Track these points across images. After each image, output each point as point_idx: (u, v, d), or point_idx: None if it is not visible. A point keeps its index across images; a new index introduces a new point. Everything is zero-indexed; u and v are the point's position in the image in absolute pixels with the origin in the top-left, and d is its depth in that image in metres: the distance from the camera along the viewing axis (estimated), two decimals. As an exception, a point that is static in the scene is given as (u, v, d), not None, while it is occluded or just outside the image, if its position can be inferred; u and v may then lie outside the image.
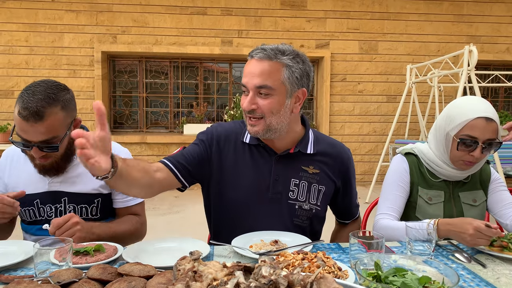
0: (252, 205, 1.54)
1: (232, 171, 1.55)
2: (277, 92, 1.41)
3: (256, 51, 1.43)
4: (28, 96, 1.42)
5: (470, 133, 1.52)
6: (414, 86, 5.89)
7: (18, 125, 1.44)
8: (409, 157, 1.74)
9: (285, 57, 1.41)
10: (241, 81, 1.46)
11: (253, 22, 6.53)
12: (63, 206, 1.62)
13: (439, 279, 0.99)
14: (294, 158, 1.55)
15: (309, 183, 1.55)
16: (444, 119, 1.62)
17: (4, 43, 6.13)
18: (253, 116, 1.44)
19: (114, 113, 6.85)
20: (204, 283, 0.73)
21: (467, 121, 1.52)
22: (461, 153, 1.55)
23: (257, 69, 1.40)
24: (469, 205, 1.66)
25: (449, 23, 6.82)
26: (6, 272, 1.17)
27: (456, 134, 1.55)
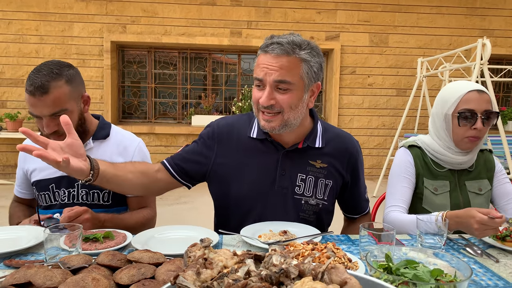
0: (257, 200, 1.53)
1: (236, 166, 1.54)
2: (296, 87, 1.39)
3: (272, 46, 1.37)
4: (33, 73, 1.50)
5: (467, 107, 1.57)
6: (424, 80, 5.82)
7: (28, 102, 1.51)
8: (412, 150, 1.74)
9: (303, 51, 1.38)
10: (254, 74, 1.42)
11: (262, 13, 6.48)
12: (76, 191, 1.66)
13: (451, 272, 0.98)
14: (302, 152, 1.53)
15: (316, 178, 1.53)
16: (439, 103, 1.66)
17: (14, 31, 6.16)
18: (270, 111, 1.40)
19: (123, 103, 6.87)
20: (215, 271, 0.72)
21: (460, 96, 1.58)
22: (463, 129, 1.58)
23: (275, 64, 1.36)
24: (475, 193, 1.67)
25: (461, 16, 6.71)
26: (16, 257, 1.18)
27: (453, 111, 1.59)
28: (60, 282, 0.88)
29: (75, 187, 1.66)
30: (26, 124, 6.18)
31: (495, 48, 6.45)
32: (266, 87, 1.39)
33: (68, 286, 0.86)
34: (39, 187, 1.69)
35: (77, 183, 1.65)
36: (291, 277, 0.70)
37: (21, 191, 1.82)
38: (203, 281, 0.68)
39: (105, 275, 0.96)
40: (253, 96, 1.45)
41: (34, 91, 1.46)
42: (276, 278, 0.69)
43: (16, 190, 1.83)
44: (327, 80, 6.96)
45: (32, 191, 1.77)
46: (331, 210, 1.63)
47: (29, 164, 1.73)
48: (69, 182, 1.66)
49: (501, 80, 5.27)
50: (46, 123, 1.51)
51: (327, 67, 6.95)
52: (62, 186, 1.66)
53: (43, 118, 1.51)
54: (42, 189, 1.68)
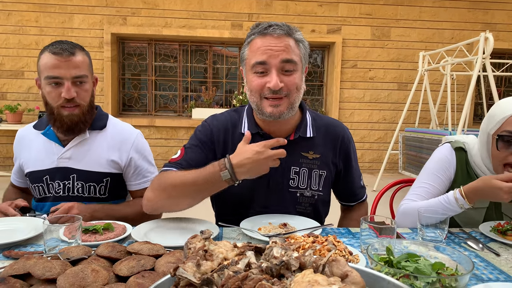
0: (252, 196, 1.51)
1: None
2: (298, 67, 1.39)
3: (272, 28, 1.35)
4: (56, 43, 1.56)
5: (509, 128, 1.39)
6: (426, 74, 5.79)
7: (51, 64, 1.52)
8: (459, 153, 1.58)
9: (297, 33, 1.41)
10: (253, 59, 1.36)
11: (264, 5, 6.44)
12: (71, 183, 1.62)
13: (452, 266, 0.97)
14: (294, 144, 1.48)
15: (309, 169, 1.51)
16: (486, 120, 1.50)
17: (14, 23, 6.12)
18: (277, 96, 1.37)
19: (123, 96, 6.85)
20: (215, 262, 0.72)
21: (506, 117, 1.40)
22: (501, 153, 1.41)
23: (279, 44, 1.34)
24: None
25: (464, 10, 6.66)
26: (16, 248, 1.18)
27: (495, 132, 1.43)
28: (60, 273, 0.87)
29: (70, 179, 1.62)
30: (26, 116, 6.16)
31: (498, 42, 6.40)
32: (271, 71, 1.35)
33: (68, 277, 0.85)
34: (32, 179, 1.66)
35: (72, 175, 1.62)
36: (292, 270, 0.70)
37: (17, 180, 1.81)
38: (203, 273, 0.68)
39: (105, 267, 0.96)
40: (253, 84, 1.38)
41: (62, 51, 1.52)
42: (277, 270, 0.69)
43: (12, 177, 1.83)
44: (328, 73, 6.93)
45: (26, 181, 1.74)
46: (327, 200, 1.61)
47: (22, 155, 1.70)
48: (63, 173, 1.62)
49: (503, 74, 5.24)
50: (68, 87, 1.52)
51: (328, 60, 6.91)
52: (56, 178, 1.62)
53: (64, 82, 1.52)
54: (35, 180, 1.65)
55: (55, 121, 1.58)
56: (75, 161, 1.62)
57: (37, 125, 1.72)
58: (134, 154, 1.69)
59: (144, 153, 1.73)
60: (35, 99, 6.26)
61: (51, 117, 1.58)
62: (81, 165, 1.62)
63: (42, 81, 1.56)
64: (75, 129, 1.59)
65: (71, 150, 1.62)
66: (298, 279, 0.65)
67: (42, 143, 1.65)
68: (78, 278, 0.85)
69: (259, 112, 1.43)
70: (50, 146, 1.64)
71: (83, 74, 1.56)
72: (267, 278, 0.65)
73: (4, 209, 1.46)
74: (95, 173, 1.63)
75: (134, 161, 1.69)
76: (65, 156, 1.62)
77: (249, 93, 1.44)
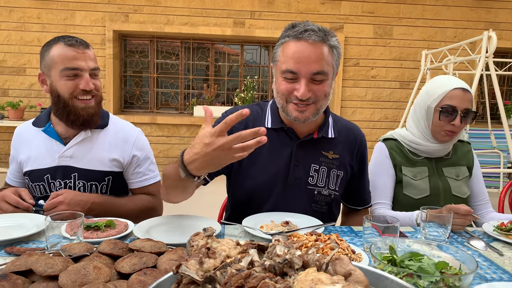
0: (271, 190, 1.51)
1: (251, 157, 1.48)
2: (329, 76, 1.37)
3: (307, 33, 1.31)
4: (66, 36, 1.55)
5: (449, 103, 1.65)
6: (428, 72, 5.77)
7: (70, 56, 1.51)
8: (387, 142, 1.83)
9: (333, 38, 1.37)
10: (284, 65, 1.34)
11: (266, 3, 6.42)
12: (72, 182, 1.61)
13: (456, 265, 0.97)
14: (315, 143, 1.52)
15: (328, 169, 1.53)
16: (424, 95, 1.73)
17: (16, 19, 6.12)
18: (304, 103, 1.36)
19: (125, 93, 6.85)
20: (218, 260, 0.72)
21: (446, 91, 1.65)
22: (442, 123, 1.67)
23: (313, 54, 1.31)
24: (453, 179, 1.76)
25: (467, 9, 6.63)
26: (18, 244, 1.18)
27: (437, 105, 1.67)
28: (61, 270, 0.87)
29: (71, 178, 1.60)
30: (28, 112, 6.17)
31: (501, 41, 6.37)
32: (301, 80, 1.34)
33: (69, 274, 0.85)
34: (32, 178, 1.63)
35: (74, 174, 1.60)
36: (295, 268, 0.69)
37: (14, 180, 1.75)
38: (206, 271, 0.68)
39: (107, 264, 0.96)
40: (281, 87, 1.38)
41: (78, 44, 1.52)
42: (280, 268, 0.68)
43: (8, 178, 1.77)
44: (330, 71, 6.90)
45: (24, 181, 1.70)
46: (339, 201, 1.63)
47: (21, 153, 1.67)
48: (65, 172, 1.60)
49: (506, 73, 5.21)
50: (87, 79, 1.53)
51: (330, 58, 6.89)
52: (57, 177, 1.61)
53: (83, 74, 1.53)
54: (35, 179, 1.62)
55: (69, 115, 1.55)
56: (77, 160, 1.61)
57: (36, 122, 1.68)
58: (136, 152, 1.69)
59: (145, 151, 1.73)
60: (37, 95, 6.26)
61: (64, 110, 1.55)
62: (82, 164, 1.61)
63: (54, 74, 1.53)
64: (91, 121, 1.59)
65: (72, 149, 1.61)
66: (301, 277, 0.64)
67: (43, 140, 1.63)
68: (80, 275, 0.85)
69: (284, 112, 1.44)
70: (51, 144, 1.62)
71: (97, 67, 1.59)
72: (270, 276, 0.65)
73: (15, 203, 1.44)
74: (97, 172, 1.62)
75: (135, 160, 1.69)
76: (66, 154, 1.60)
77: (276, 93, 1.44)
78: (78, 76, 1.52)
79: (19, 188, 1.51)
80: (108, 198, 1.58)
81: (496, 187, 5.51)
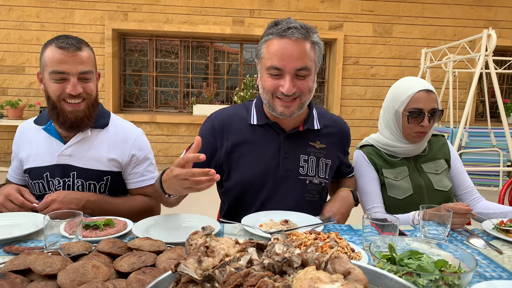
0: (263, 185, 1.54)
1: (240, 154, 1.55)
2: (312, 71, 1.44)
3: (290, 30, 1.37)
4: (61, 37, 1.52)
5: (416, 106, 1.69)
6: (428, 71, 5.77)
7: (57, 59, 1.49)
8: (364, 149, 1.87)
9: (314, 35, 1.43)
10: (269, 62, 1.40)
11: (265, 1, 6.41)
12: (71, 181, 1.61)
13: (455, 263, 0.97)
14: (302, 135, 1.58)
15: (317, 158, 1.59)
16: (391, 99, 1.77)
17: (15, 18, 6.11)
18: (289, 98, 1.43)
19: (124, 92, 6.84)
20: (217, 259, 0.71)
21: (411, 95, 1.68)
22: (411, 125, 1.70)
23: (296, 51, 1.37)
24: (433, 173, 1.79)
25: (467, 7, 6.63)
26: (16, 243, 1.18)
27: (404, 109, 1.71)
28: (60, 269, 0.87)
29: (70, 177, 1.60)
30: (27, 111, 6.16)
31: (500, 40, 6.36)
32: (285, 76, 1.39)
33: (68, 273, 0.85)
34: (32, 175, 1.64)
35: (73, 173, 1.60)
36: (294, 266, 0.69)
37: (15, 176, 1.76)
38: (205, 269, 0.67)
39: (105, 263, 0.95)
40: (267, 84, 1.44)
41: (68, 46, 1.49)
42: (279, 267, 0.68)
43: (9, 174, 1.78)
44: (329, 70, 6.91)
45: (25, 178, 1.71)
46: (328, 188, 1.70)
47: (23, 151, 1.67)
48: (64, 171, 1.60)
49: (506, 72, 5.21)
50: (74, 83, 1.50)
51: (330, 57, 6.89)
52: (56, 175, 1.61)
53: (70, 78, 1.50)
54: (35, 177, 1.63)
55: (58, 117, 1.55)
56: (76, 159, 1.61)
57: (37, 120, 1.69)
58: (135, 152, 1.69)
59: (144, 152, 1.73)
60: (36, 94, 6.25)
61: (54, 112, 1.55)
62: (81, 163, 1.61)
63: (45, 75, 1.53)
64: (80, 125, 1.57)
65: (71, 148, 1.61)
66: (301, 276, 0.64)
67: (43, 139, 1.64)
68: (78, 274, 0.84)
69: (270, 108, 1.50)
70: (51, 142, 1.62)
71: (89, 70, 1.54)
72: (269, 275, 0.64)
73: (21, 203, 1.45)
74: (96, 171, 1.62)
75: (134, 159, 1.69)
76: (65, 153, 1.60)
77: (261, 90, 1.49)
78: (65, 80, 1.50)
79: (21, 188, 1.51)
80: (104, 197, 1.58)
81: (495, 185, 5.52)
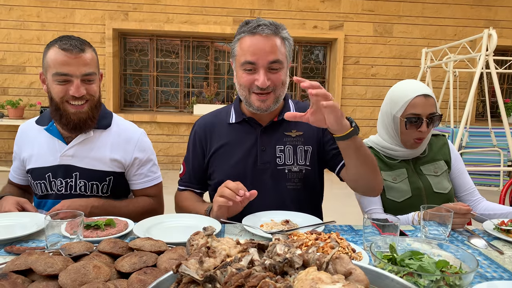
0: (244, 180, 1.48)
1: (220, 155, 1.62)
2: (284, 65, 1.51)
3: (260, 27, 1.46)
4: (64, 38, 1.52)
5: (413, 111, 1.65)
6: (428, 70, 5.76)
7: (60, 61, 1.48)
8: None
9: (283, 31, 1.51)
10: (242, 58, 1.47)
11: (266, 1, 6.41)
12: (73, 181, 1.61)
13: (456, 264, 0.97)
14: (277, 126, 1.61)
15: (294, 146, 1.60)
16: (388, 103, 1.74)
17: (16, 18, 6.11)
18: (265, 92, 1.49)
19: (125, 92, 6.84)
20: (218, 259, 0.71)
21: (408, 101, 1.65)
22: (410, 131, 1.67)
23: (267, 45, 1.45)
24: (432, 175, 1.76)
25: (467, 6, 6.62)
26: (17, 243, 1.18)
27: (402, 115, 1.68)
28: (61, 269, 0.87)
29: (72, 177, 1.60)
30: (27, 111, 6.16)
31: (501, 39, 6.36)
32: (259, 70, 1.46)
33: (69, 273, 0.85)
34: (34, 175, 1.64)
35: (75, 173, 1.60)
36: (295, 267, 0.69)
37: (17, 177, 1.76)
38: (206, 270, 0.67)
39: (107, 263, 0.95)
40: (243, 80, 1.51)
41: (72, 48, 1.48)
42: (280, 267, 0.68)
43: (11, 174, 1.78)
44: (330, 70, 6.90)
45: (27, 178, 1.71)
46: (319, 177, 1.66)
47: (24, 151, 1.67)
48: (66, 171, 1.60)
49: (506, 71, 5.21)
50: (77, 85, 1.50)
51: (330, 57, 6.89)
52: (59, 176, 1.61)
53: (73, 80, 1.50)
54: (37, 177, 1.63)
55: (61, 118, 1.55)
56: (78, 159, 1.61)
57: (39, 120, 1.69)
58: (138, 153, 1.69)
59: (147, 152, 1.73)
60: (37, 94, 6.25)
61: (57, 113, 1.55)
62: (83, 163, 1.61)
63: (48, 76, 1.52)
64: (83, 126, 1.57)
65: (74, 148, 1.61)
66: (302, 276, 0.64)
67: (45, 139, 1.63)
68: (79, 274, 0.84)
69: (247, 104, 1.56)
70: (53, 143, 1.62)
71: (92, 72, 1.53)
72: (270, 276, 0.64)
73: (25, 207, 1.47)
74: (98, 171, 1.62)
75: (137, 161, 1.69)
76: (68, 153, 1.60)
77: (238, 86, 1.56)
78: (68, 82, 1.50)
79: (20, 200, 1.50)
80: (107, 201, 1.58)
81: (496, 185, 5.51)
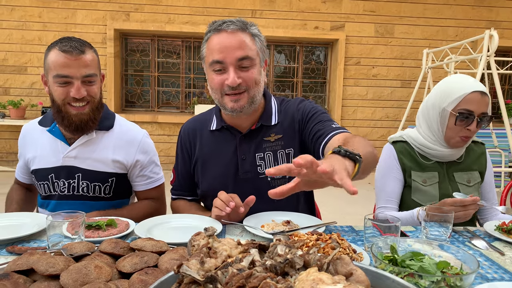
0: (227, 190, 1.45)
1: (203, 163, 1.58)
2: (256, 62, 1.42)
3: (225, 24, 1.39)
4: (64, 40, 1.52)
5: (467, 107, 1.55)
6: (430, 71, 5.76)
7: (61, 63, 1.48)
8: (397, 145, 1.74)
9: (252, 27, 1.44)
10: (210, 58, 1.40)
11: (267, 2, 6.41)
12: (76, 182, 1.61)
13: (457, 265, 0.97)
14: (256, 133, 1.54)
15: (274, 152, 1.52)
16: (439, 96, 1.63)
17: (17, 18, 6.12)
18: (236, 91, 1.41)
19: (126, 92, 6.85)
20: (219, 260, 0.71)
21: (464, 94, 1.55)
22: (458, 128, 1.57)
23: (234, 41, 1.37)
24: (464, 185, 1.68)
25: (468, 7, 6.62)
26: (19, 244, 1.18)
27: (453, 108, 1.57)
28: (63, 269, 0.87)
29: (75, 178, 1.61)
30: (29, 111, 6.17)
31: (502, 40, 6.36)
32: (229, 68, 1.39)
33: (71, 273, 0.85)
34: (38, 176, 1.65)
35: (78, 174, 1.61)
36: (296, 268, 0.69)
37: (22, 176, 1.79)
38: (207, 270, 0.67)
39: (108, 263, 0.96)
40: (214, 82, 1.43)
41: (72, 50, 1.48)
42: (281, 268, 0.68)
43: (17, 173, 1.80)
44: (331, 70, 6.90)
45: (32, 177, 1.72)
46: None
47: (28, 152, 1.68)
48: (69, 172, 1.61)
49: (508, 72, 5.21)
50: (78, 87, 1.49)
51: (331, 57, 6.89)
52: (61, 177, 1.61)
53: (74, 81, 1.49)
54: (41, 178, 1.63)
55: (63, 120, 1.55)
56: (81, 160, 1.61)
57: (42, 121, 1.69)
58: (140, 155, 1.69)
59: (149, 153, 1.73)
60: (38, 94, 6.26)
61: (59, 115, 1.55)
62: (86, 165, 1.61)
63: (49, 78, 1.52)
64: (85, 127, 1.57)
65: (76, 149, 1.61)
66: (303, 277, 0.64)
67: (48, 140, 1.64)
68: (81, 274, 0.85)
69: (222, 108, 1.49)
70: (55, 144, 1.62)
71: (93, 73, 1.53)
72: (271, 276, 0.64)
73: None
74: (100, 173, 1.62)
75: (140, 162, 1.69)
76: (70, 155, 1.61)
77: (210, 91, 1.49)
78: (69, 84, 1.50)
79: None
80: (107, 213, 1.57)
81: (497, 186, 5.51)
